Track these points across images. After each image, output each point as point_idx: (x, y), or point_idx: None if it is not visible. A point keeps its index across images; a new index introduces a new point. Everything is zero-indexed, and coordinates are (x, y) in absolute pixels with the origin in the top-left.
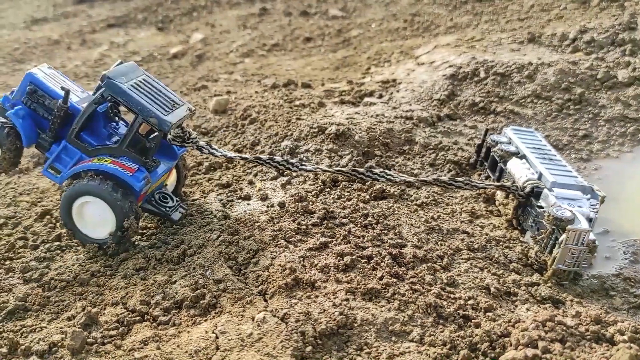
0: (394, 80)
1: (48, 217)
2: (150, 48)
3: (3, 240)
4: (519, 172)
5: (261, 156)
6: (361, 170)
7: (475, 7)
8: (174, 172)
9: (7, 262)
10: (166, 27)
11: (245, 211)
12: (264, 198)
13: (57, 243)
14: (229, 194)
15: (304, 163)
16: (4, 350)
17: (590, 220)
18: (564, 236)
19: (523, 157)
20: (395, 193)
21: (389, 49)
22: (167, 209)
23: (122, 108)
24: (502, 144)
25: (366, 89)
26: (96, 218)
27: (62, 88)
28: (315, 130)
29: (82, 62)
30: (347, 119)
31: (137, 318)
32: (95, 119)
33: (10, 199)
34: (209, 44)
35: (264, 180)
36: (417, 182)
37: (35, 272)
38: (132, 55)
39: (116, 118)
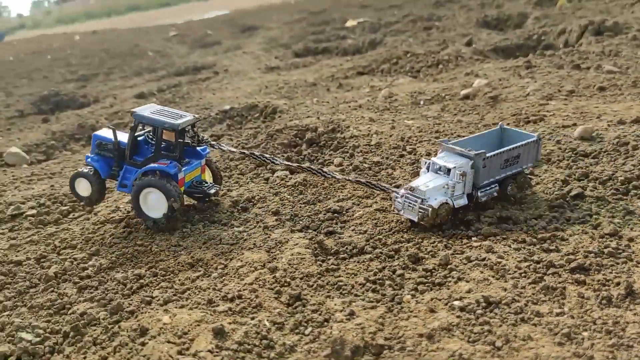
0: None
1: None
2: (433, 89)
3: None
4: None
5: (266, 155)
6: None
7: None
8: (209, 173)
9: None
10: (417, 76)
11: None
12: None
13: None
14: None
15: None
16: None
17: None
18: None
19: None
20: None
21: None
22: (204, 187)
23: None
24: None
25: None
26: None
27: (108, 127)
28: None
29: (372, 99)
30: None
31: None
32: (139, 145)
33: None
34: (495, 87)
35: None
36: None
37: None
38: (419, 94)
39: (153, 141)
